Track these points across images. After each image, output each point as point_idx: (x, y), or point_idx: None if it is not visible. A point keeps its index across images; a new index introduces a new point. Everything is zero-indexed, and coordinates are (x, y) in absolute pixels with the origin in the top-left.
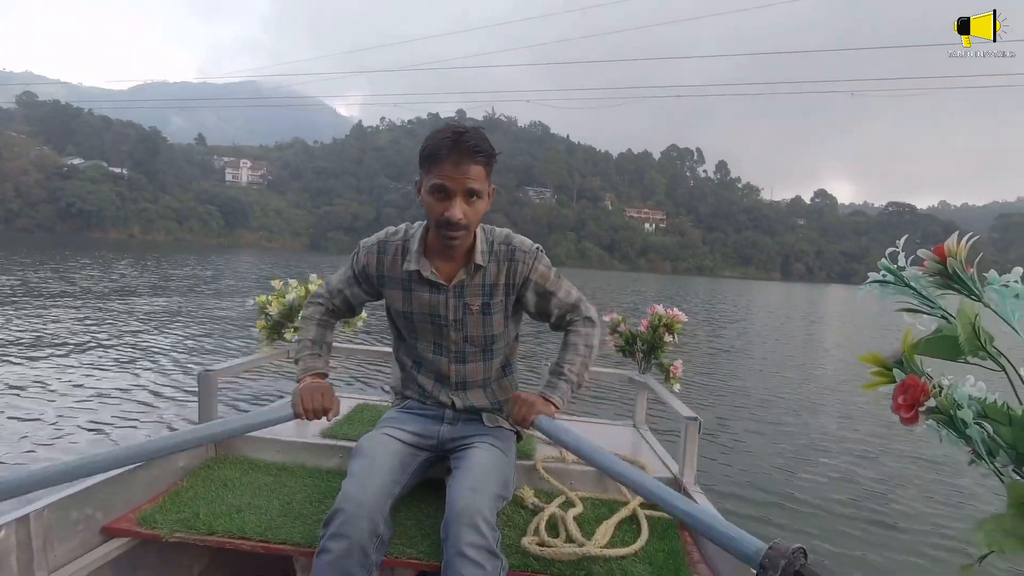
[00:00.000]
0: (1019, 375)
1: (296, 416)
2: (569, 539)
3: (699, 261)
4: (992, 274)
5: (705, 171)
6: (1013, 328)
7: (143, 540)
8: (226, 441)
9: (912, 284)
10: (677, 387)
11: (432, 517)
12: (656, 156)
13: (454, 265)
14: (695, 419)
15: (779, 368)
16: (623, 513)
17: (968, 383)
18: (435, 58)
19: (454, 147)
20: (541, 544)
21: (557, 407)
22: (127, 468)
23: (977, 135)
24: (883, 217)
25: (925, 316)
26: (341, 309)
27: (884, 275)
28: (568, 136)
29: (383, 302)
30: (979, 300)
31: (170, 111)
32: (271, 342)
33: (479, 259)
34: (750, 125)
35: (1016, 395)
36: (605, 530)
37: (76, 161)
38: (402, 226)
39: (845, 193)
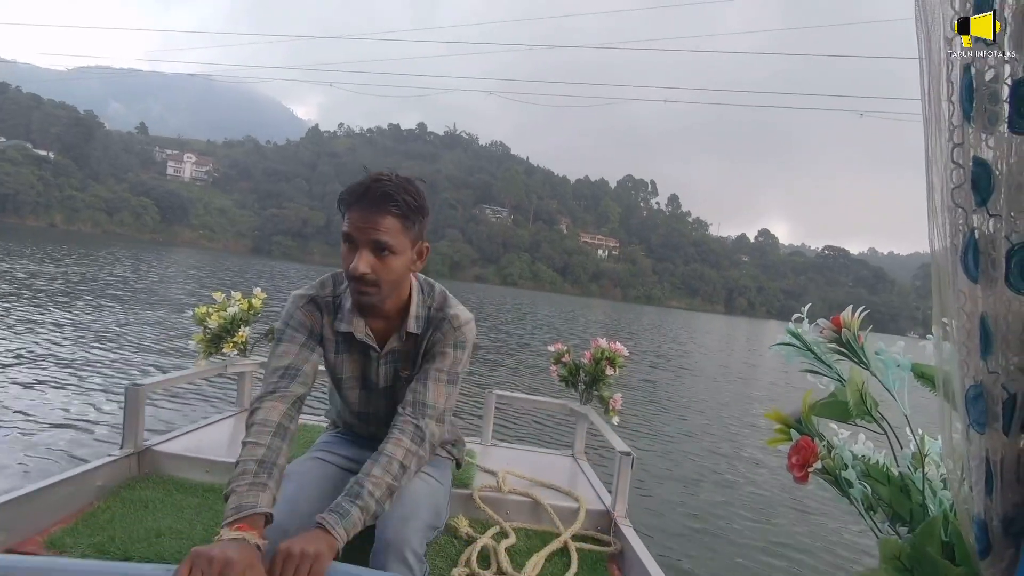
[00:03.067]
0: (896, 439)
1: None
2: (500, 571)
3: (648, 289)
4: (880, 345)
5: (658, 203)
6: (892, 396)
7: None
8: (150, 460)
9: (813, 348)
10: (616, 420)
11: (361, 549)
12: (612, 185)
13: (388, 325)
14: (628, 454)
15: (714, 403)
16: (555, 545)
17: (859, 441)
18: (393, 59)
19: (364, 193)
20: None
21: (338, 541)
22: (37, 486)
23: (901, 188)
24: (820, 259)
25: (824, 378)
26: (306, 389)
27: (790, 338)
28: (528, 158)
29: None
30: (867, 368)
31: (110, 97)
32: (207, 356)
33: (412, 326)
34: (703, 162)
35: (895, 457)
36: (536, 562)
37: None
38: (329, 279)
39: (786, 233)
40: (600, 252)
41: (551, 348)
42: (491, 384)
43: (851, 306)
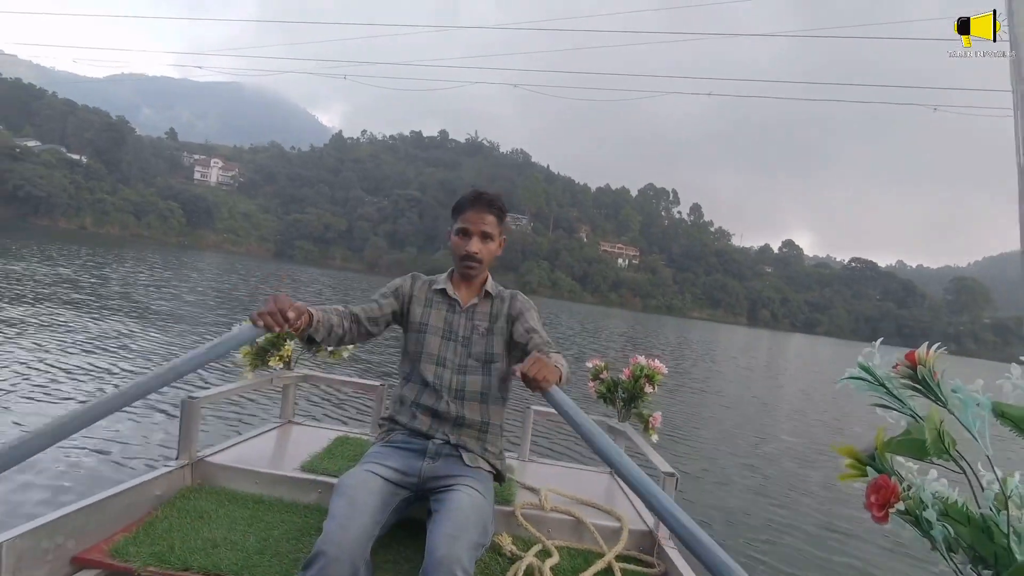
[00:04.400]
0: (978, 480)
1: (252, 324)
2: None
3: (669, 300)
4: (956, 382)
5: (680, 212)
6: (972, 436)
7: (114, 572)
8: (202, 470)
9: (885, 383)
10: (655, 438)
11: (410, 560)
12: (633, 193)
13: (471, 293)
14: (672, 474)
15: (746, 418)
16: (599, 565)
17: (931, 479)
18: (419, 64)
19: (476, 199)
20: None
21: (559, 381)
22: (101, 496)
23: (930, 202)
24: (846, 271)
25: (895, 412)
26: (370, 316)
27: (860, 372)
28: (548, 166)
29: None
30: (944, 406)
31: (142, 103)
32: (254, 369)
33: (490, 288)
34: (727, 172)
35: (975, 497)
36: None
37: (31, 143)
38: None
39: (810, 244)
40: (620, 261)
41: (589, 364)
42: (528, 399)
43: (926, 343)
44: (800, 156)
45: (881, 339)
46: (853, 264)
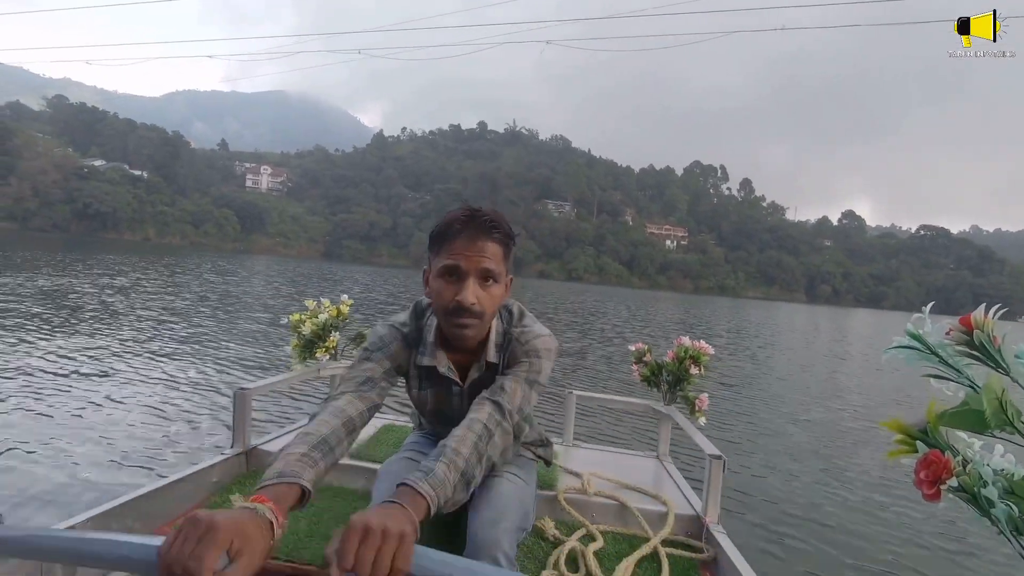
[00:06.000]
0: None
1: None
2: (589, 574)
3: (721, 280)
4: (1020, 347)
5: (729, 189)
6: None
7: None
8: (257, 458)
9: (938, 352)
10: (702, 421)
11: (452, 545)
12: (679, 172)
13: (467, 358)
14: (720, 457)
15: (803, 399)
16: (644, 550)
17: (997, 454)
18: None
19: (468, 222)
20: None
21: (429, 505)
22: (164, 482)
23: (1007, 161)
24: (915, 240)
25: (951, 383)
26: (379, 401)
27: (909, 341)
28: (589, 150)
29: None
30: (1006, 374)
31: (195, 118)
32: (302, 360)
33: (491, 355)
34: (777, 143)
35: None
36: (626, 567)
37: (98, 163)
38: (410, 313)
39: (873, 215)
40: (668, 243)
41: (631, 347)
42: (571, 384)
43: (983, 304)
44: (857, 120)
45: (932, 303)
46: (922, 232)
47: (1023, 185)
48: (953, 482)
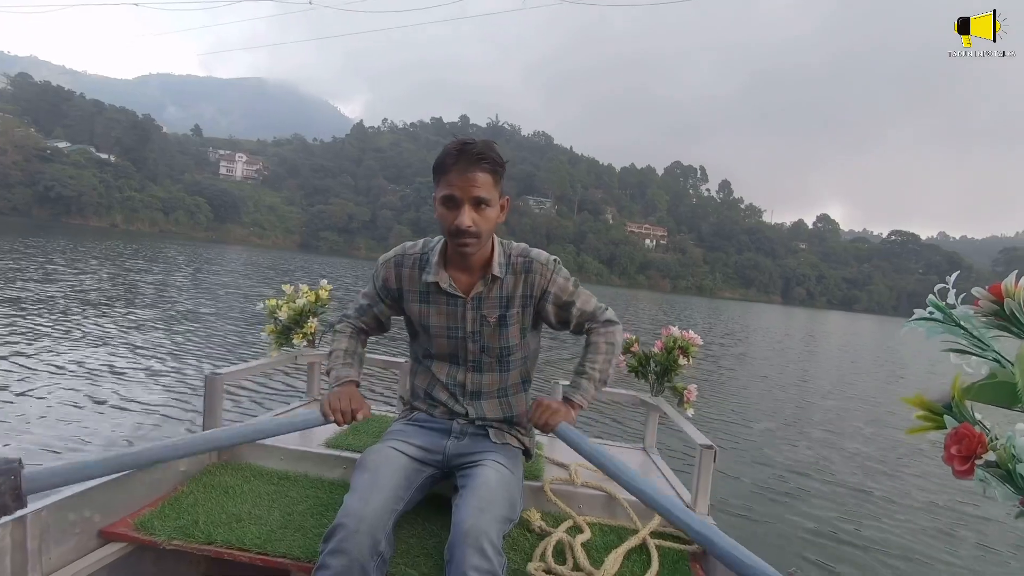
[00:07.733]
0: None
1: (326, 420)
2: (577, 567)
3: (699, 280)
4: None
5: (708, 190)
6: None
7: (140, 545)
8: (229, 448)
9: (963, 324)
10: (691, 412)
11: (435, 536)
12: (659, 172)
13: (472, 277)
14: (710, 447)
15: (784, 393)
16: (633, 542)
17: (1021, 430)
18: (435, 53)
19: (459, 156)
20: (548, 571)
21: (582, 407)
22: (127, 471)
23: (973, 169)
24: (886, 245)
25: (974, 358)
26: (371, 327)
27: (931, 312)
28: (571, 147)
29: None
30: None
31: (168, 102)
32: (279, 347)
33: (496, 270)
34: (754, 146)
35: None
36: (614, 559)
37: (61, 144)
38: (420, 241)
39: (847, 218)
40: (648, 242)
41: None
42: (556, 376)
43: (1015, 272)
44: (831, 125)
45: (958, 272)
46: (893, 237)
47: (988, 193)
48: (990, 456)
